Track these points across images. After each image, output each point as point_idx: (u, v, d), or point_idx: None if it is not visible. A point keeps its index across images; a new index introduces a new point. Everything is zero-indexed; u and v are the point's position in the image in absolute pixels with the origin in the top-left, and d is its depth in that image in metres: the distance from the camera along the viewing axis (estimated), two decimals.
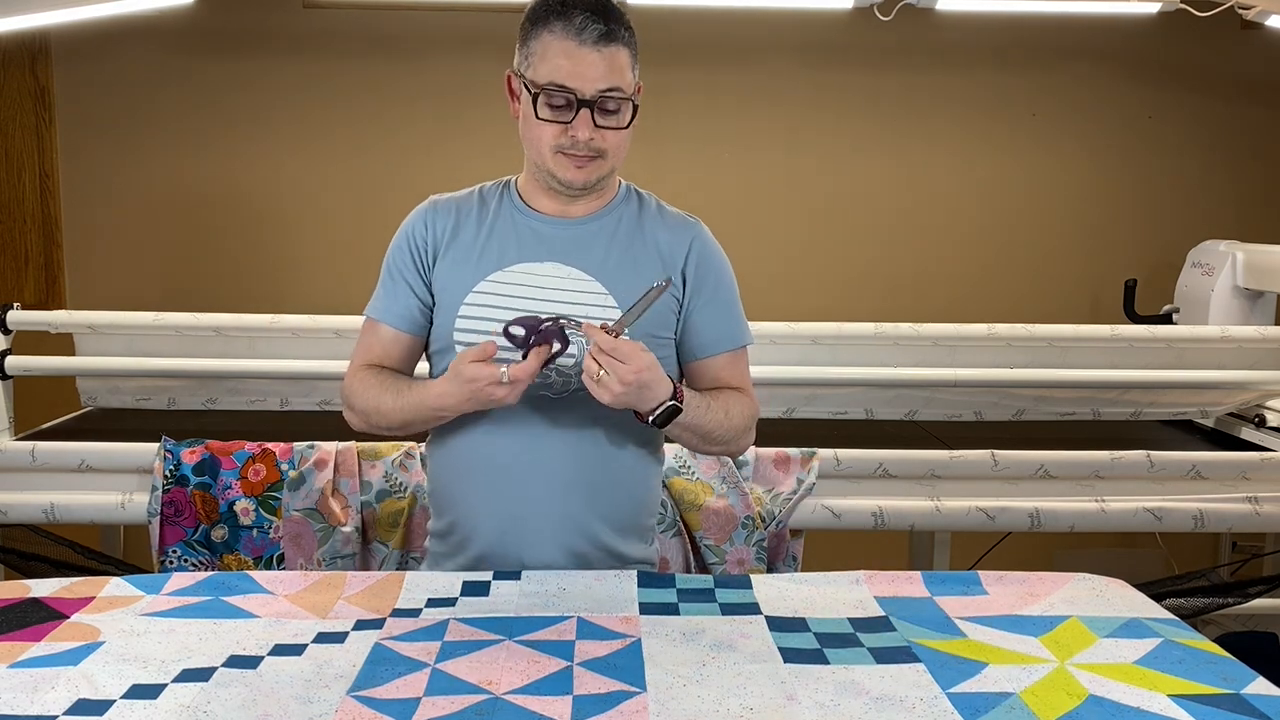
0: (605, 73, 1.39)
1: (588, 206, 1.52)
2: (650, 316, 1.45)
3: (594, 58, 1.38)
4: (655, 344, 1.51)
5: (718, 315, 1.55)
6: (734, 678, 1.13)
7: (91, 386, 2.53)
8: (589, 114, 1.39)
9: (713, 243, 1.57)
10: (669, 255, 1.52)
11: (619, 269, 1.49)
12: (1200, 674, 1.14)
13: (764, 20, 3.25)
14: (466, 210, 1.54)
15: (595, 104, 1.39)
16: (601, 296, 1.48)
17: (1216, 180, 3.38)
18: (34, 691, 1.09)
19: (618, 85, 1.40)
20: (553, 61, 1.39)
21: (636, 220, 1.54)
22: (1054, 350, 2.43)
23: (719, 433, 1.49)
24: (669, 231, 1.54)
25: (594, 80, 1.38)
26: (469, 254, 1.50)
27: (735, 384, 1.57)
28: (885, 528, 2.14)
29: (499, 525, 1.49)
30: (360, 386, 1.50)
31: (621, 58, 1.41)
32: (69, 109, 3.25)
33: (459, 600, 1.34)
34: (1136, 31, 3.28)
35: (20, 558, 2.22)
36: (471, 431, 1.50)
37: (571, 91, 1.39)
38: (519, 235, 1.51)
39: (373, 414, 1.49)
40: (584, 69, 1.38)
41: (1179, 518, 2.17)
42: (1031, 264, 3.39)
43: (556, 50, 1.39)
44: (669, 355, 1.55)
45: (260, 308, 2.44)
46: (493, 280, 1.49)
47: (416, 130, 3.26)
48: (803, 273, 3.35)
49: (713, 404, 1.48)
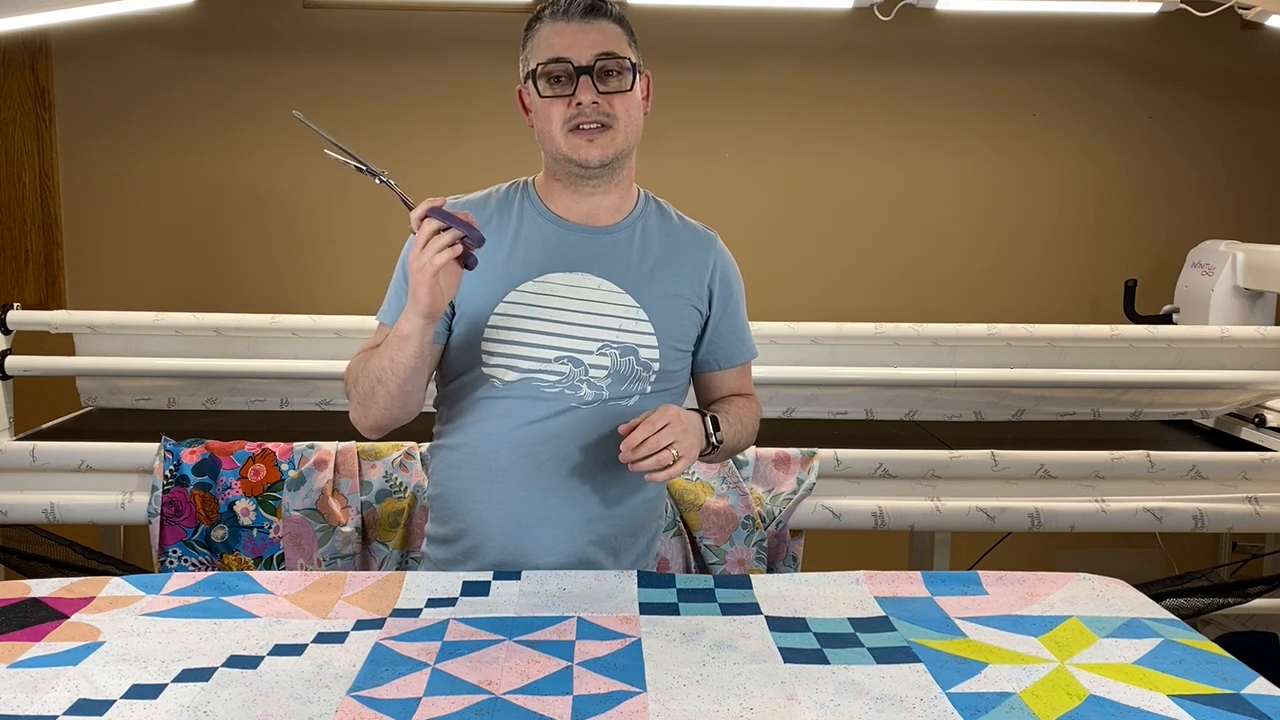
0: (597, 40, 1.41)
1: (612, 213, 1.52)
2: (675, 330, 1.50)
3: (583, 28, 1.41)
4: (678, 356, 1.52)
5: (735, 330, 1.59)
6: (734, 678, 1.13)
7: (91, 386, 2.53)
8: (589, 79, 1.41)
9: (730, 256, 1.59)
10: (695, 268, 1.53)
11: (647, 281, 1.50)
12: (1200, 674, 1.14)
13: (764, 20, 3.25)
14: (488, 215, 1.51)
15: (594, 70, 1.40)
16: (632, 309, 1.48)
17: (1216, 180, 3.38)
18: (34, 691, 1.09)
19: (612, 50, 1.42)
20: (546, 44, 1.42)
21: (660, 231, 1.54)
22: (1054, 350, 2.43)
23: (742, 445, 1.56)
24: (693, 244, 1.55)
25: (587, 48, 1.41)
26: (496, 262, 1.47)
27: (743, 392, 1.61)
28: (885, 528, 2.14)
29: (512, 531, 1.48)
30: (352, 363, 1.47)
31: (613, 30, 1.43)
32: (69, 109, 3.25)
33: (459, 600, 1.34)
34: (1136, 31, 3.29)
35: (20, 558, 2.22)
36: (480, 437, 1.49)
37: (568, 61, 1.40)
38: (546, 243, 1.49)
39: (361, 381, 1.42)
40: (575, 40, 1.41)
41: (1179, 518, 2.17)
42: (1031, 264, 3.39)
43: (548, 34, 1.43)
44: (686, 367, 1.56)
45: (260, 307, 2.44)
46: (524, 290, 1.47)
47: (417, 130, 3.26)
48: (803, 273, 3.35)
49: (730, 419, 1.50)
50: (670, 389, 1.52)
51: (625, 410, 1.47)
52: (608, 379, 1.46)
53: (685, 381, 1.58)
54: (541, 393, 1.46)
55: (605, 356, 1.47)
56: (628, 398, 1.48)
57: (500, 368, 1.46)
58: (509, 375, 1.46)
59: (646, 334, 1.48)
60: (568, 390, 1.46)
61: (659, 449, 1.33)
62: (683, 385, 1.58)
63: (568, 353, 1.46)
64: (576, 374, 1.46)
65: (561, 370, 1.46)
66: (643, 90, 1.47)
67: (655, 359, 1.49)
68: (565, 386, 1.46)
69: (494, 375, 1.47)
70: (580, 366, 1.46)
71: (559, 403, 1.46)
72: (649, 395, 1.49)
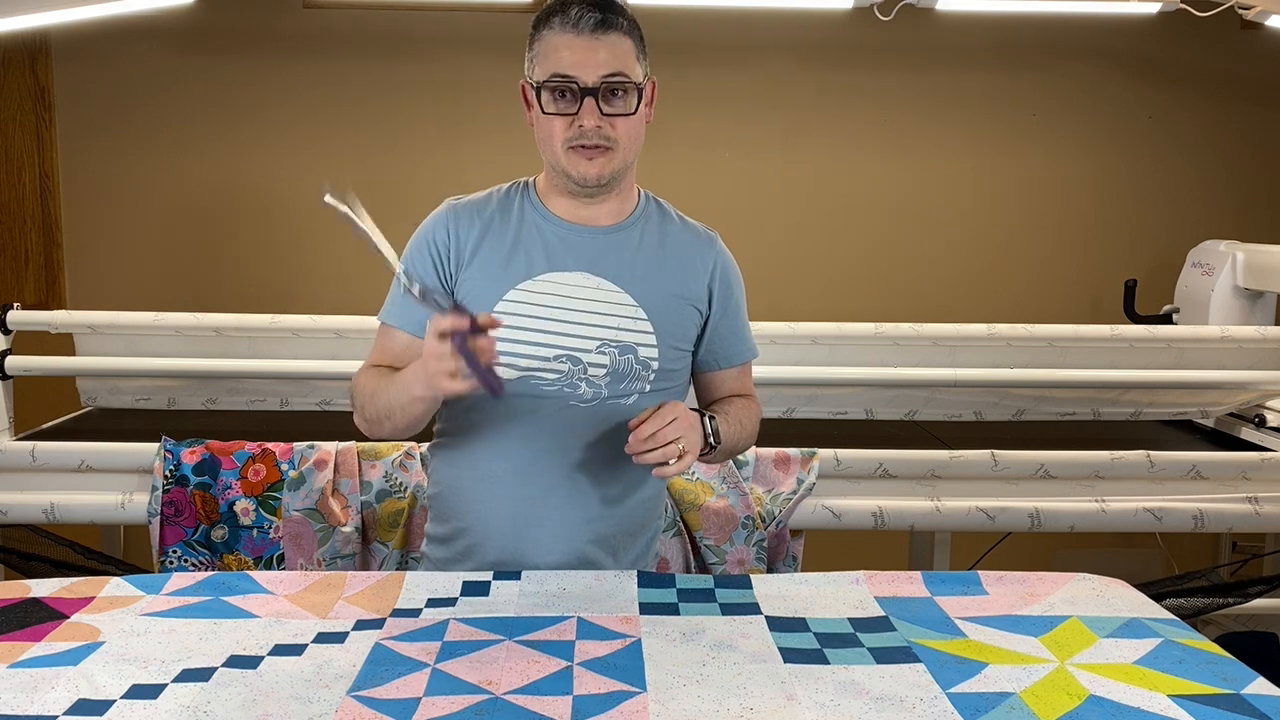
0: (606, 59, 1.39)
1: (612, 214, 1.52)
2: (675, 329, 1.50)
3: (593, 45, 1.38)
4: (677, 355, 1.52)
5: (735, 330, 1.58)
6: (734, 678, 1.13)
7: (91, 386, 2.53)
8: (594, 102, 1.39)
9: (730, 257, 1.59)
10: (695, 268, 1.53)
11: (647, 281, 1.50)
12: (1200, 674, 1.14)
13: (764, 20, 3.25)
14: (489, 216, 1.51)
15: (599, 91, 1.39)
16: (631, 309, 1.48)
17: (1216, 180, 3.39)
18: (34, 691, 1.09)
19: (620, 71, 1.40)
20: (554, 56, 1.40)
21: (660, 231, 1.54)
22: (1054, 350, 2.43)
23: (741, 445, 1.56)
24: (693, 244, 1.55)
25: (595, 68, 1.39)
26: (496, 261, 1.48)
27: (743, 392, 1.61)
28: (885, 528, 2.14)
29: (510, 530, 1.48)
30: (362, 380, 1.49)
31: (623, 46, 1.41)
32: (69, 109, 3.25)
33: (459, 600, 1.34)
34: (1136, 31, 3.29)
35: (20, 558, 2.22)
36: (479, 436, 1.49)
37: (574, 80, 1.39)
38: (546, 243, 1.49)
39: (368, 407, 1.45)
40: (584, 57, 1.38)
41: (1179, 518, 2.17)
42: (1031, 264, 3.39)
43: (556, 44, 1.40)
44: (686, 366, 1.56)
45: (260, 307, 2.44)
46: (523, 289, 1.47)
47: (417, 130, 3.26)
48: (803, 273, 3.35)
49: (729, 420, 1.50)
50: (670, 388, 1.52)
51: (624, 409, 1.47)
52: (606, 377, 1.47)
53: (685, 381, 1.58)
54: (540, 391, 1.46)
55: (604, 355, 1.47)
56: (626, 396, 1.48)
57: (499, 366, 1.46)
58: (508, 374, 1.46)
59: (645, 333, 1.48)
60: (566, 388, 1.46)
61: (666, 442, 1.33)
62: (682, 385, 1.58)
63: (566, 351, 1.46)
64: (575, 372, 1.46)
65: (560, 369, 1.46)
66: (647, 98, 1.47)
67: (654, 358, 1.49)
68: (564, 385, 1.46)
69: None
70: (579, 365, 1.46)
71: (558, 401, 1.46)
72: (648, 394, 1.49)
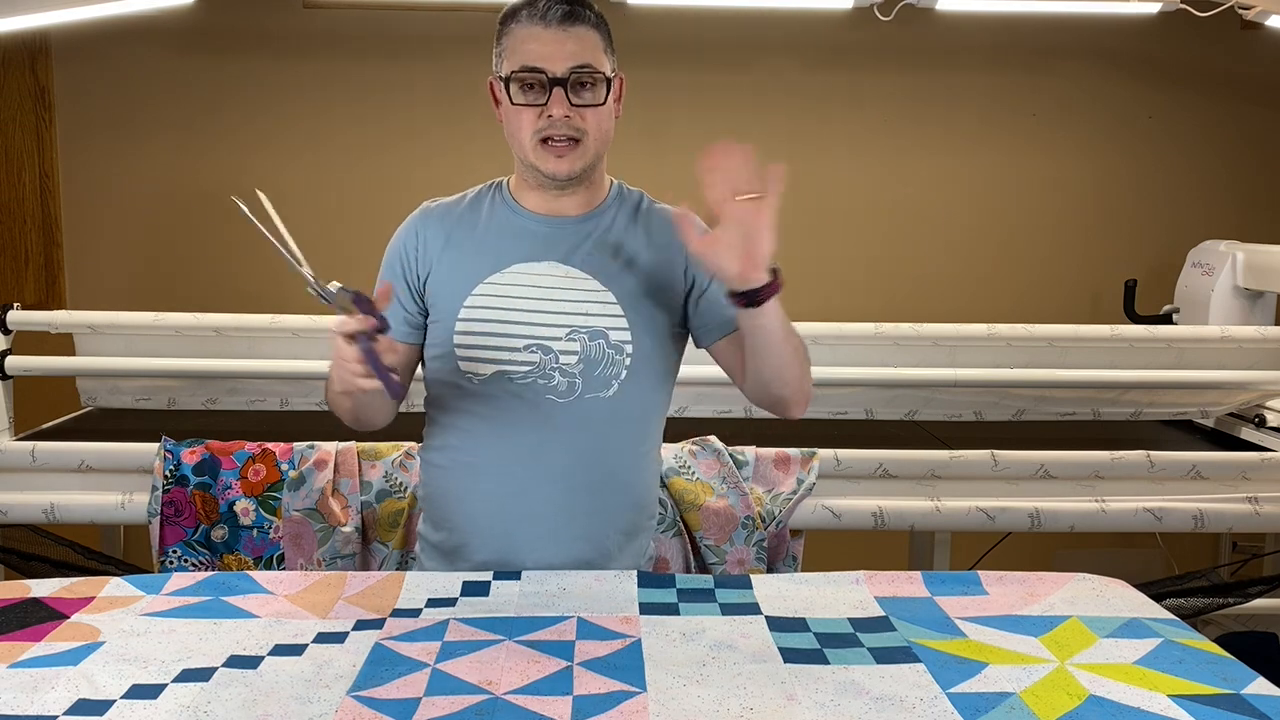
0: (575, 50, 1.40)
1: (583, 204, 1.52)
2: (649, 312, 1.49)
3: (561, 37, 1.40)
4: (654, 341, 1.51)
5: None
6: (734, 678, 1.13)
7: (91, 386, 2.53)
8: (563, 92, 1.40)
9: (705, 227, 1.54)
10: (666, 247, 1.52)
11: (616, 267, 1.50)
12: (1200, 674, 1.14)
13: (764, 20, 3.25)
14: (458, 215, 1.54)
15: (568, 82, 1.40)
16: (600, 293, 1.48)
17: (1216, 180, 3.38)
18: (34, 691, 1.09)
19: (588, 63, 1.41)
20: (522, 48, 1.41)
21: (631, 218, 1.54)
22: (1054, 350, 2.43)
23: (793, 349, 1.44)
24: (663, 225, 1.54)
25: (563, 59, 1.40)
26: (464, 258, 1.50)
27: None
28: (885, 528, 2.14)
29: (501, 530, 1.48)
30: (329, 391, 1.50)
31: (591, 38, 1.42)
32: (69, 109, 3.25)
33: (459, 600, 1.34)
34: (1136, 31, 3.29)
35: (20, 558, 2.22)
36: (459, 436, 1.50)
37: (542, 71, 1.40)
38: (515, 236, 1.51)
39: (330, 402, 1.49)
40: (552, 49, 1.40)
41: (1179, 518, 2.16)
42: (1031, 264, 3.39)
43: (524, 36, 1.41)
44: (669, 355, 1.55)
45: (260, 308, 2.44)
46: (491, 282, 1.49)
47: (417, 130, 3.26)
48: (803, 273, 3.32)
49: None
50: (650, 377, 1.51)
51: (604, 404, 1.47)
52: (580, 365, 1.46)
53: (670, 371, 1.56)
54: (515, 386, 1.46)
55: (574, 342, 1.46)
56: (605, 388, 1.47)
57: (473, 361, 1.48)
58: (483, 369, 1.47)
59: (616, 316, 1.48)
60: (540, 380, 1.46)
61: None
62: (667, 375, 1.55)
63: (535, 340, 1.46)
64: (547, 362, 1.46)
65: (531, 359, 1.46)
66: (616, 93, 1.47)
67: (627, 340, 1.48)
68: (537, 376, 1.46)
69: (469, 371, 1.48)
70: (550, 354, 1.46)
71: (534, 396, 1.46)
72: (626, 382, 1.48)
